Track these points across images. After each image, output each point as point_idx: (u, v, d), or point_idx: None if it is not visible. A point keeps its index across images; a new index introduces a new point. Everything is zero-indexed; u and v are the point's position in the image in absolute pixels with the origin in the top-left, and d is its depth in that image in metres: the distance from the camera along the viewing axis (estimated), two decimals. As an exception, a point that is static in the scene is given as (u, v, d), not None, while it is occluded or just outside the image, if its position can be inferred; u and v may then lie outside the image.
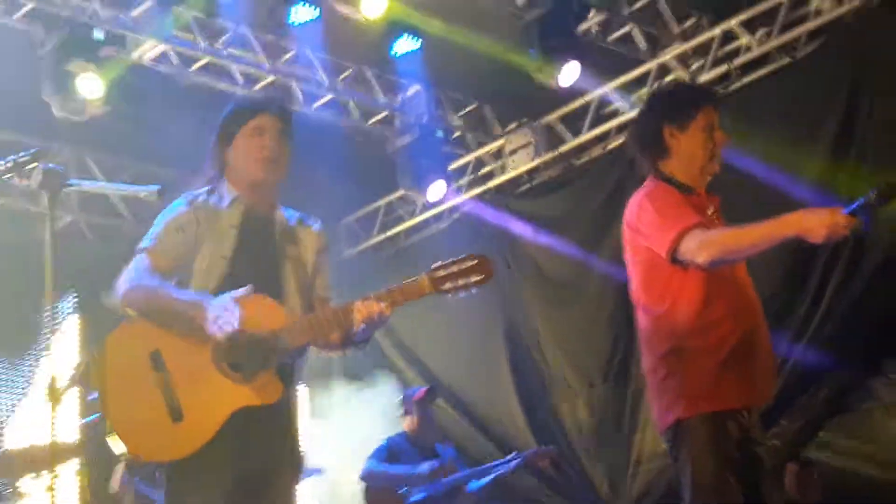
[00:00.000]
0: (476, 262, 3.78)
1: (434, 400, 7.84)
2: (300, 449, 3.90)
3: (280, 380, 3.72)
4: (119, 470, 7.24)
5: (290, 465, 3.86)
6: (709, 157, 4.08)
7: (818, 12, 7.54)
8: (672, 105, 4.18)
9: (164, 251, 3.78)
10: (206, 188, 3.93)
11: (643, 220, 4.02)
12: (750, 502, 3.88)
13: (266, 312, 3.70)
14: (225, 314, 3.60)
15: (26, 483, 6.76)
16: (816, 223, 3.75)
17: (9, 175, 3.80)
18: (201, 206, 3.85)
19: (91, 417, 5.39)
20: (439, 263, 3.78)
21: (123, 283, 3.74)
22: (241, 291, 3.64)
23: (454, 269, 3.76)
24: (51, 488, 3.58)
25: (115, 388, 3.66)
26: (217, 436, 3.63)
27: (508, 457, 7.80)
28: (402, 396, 7.92)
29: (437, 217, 9.77)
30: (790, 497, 7.37)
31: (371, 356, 8.93)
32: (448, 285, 3.76)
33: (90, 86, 7.19)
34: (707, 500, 3.82)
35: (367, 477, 7.65)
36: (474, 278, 3.77)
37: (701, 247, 3.84)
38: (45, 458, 6.45)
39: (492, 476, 7.65)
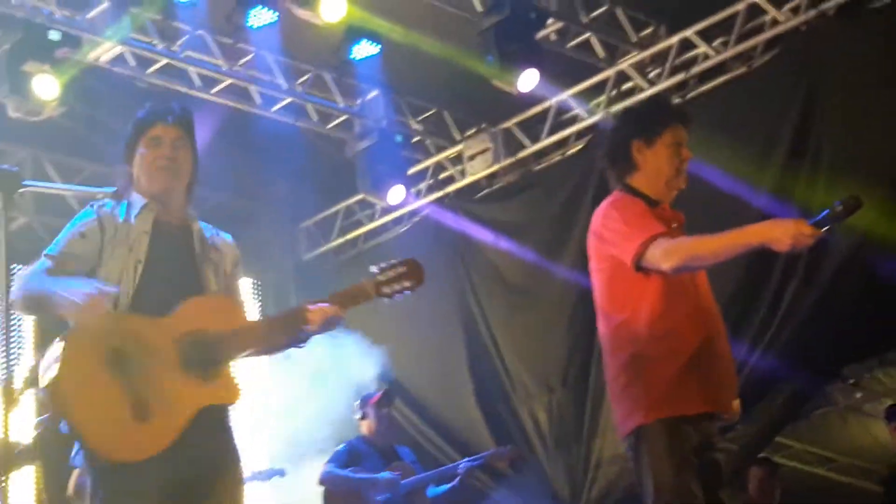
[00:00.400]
0: (407, 267, 3.96)
1: (391, 403, 7.82)
2: (237, 448, 3.91)
3: (236, 380, 3.75)
4: (76, 474, 7.18)
5: (232, 462, 3.87)
6: (674, 173, 4.17)
7: (774, 22, 7.61)
8: (640, 121, 4.29)
9: (63, 256, 3.80)
10: (115, 199, 3.96)
11: (609, 228, 4.10)
12: None
13: (226, 311, 3.81)
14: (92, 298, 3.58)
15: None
16: (781, 233, 3.82)
17: (-38, 176, 3.76)
18: (108, 214, 3.89)
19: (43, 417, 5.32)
20: (378, 269, 3.94)
21: (17, 288, 3.74)
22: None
23: (391, 273, 3.94)
24: (4, 492, 3.53)
25: (77, 388, 3.61)
26: (177, 441, 3.63)
27: (467, 458, 7.81)
28: (358, 400, 7.90)
29: (397, 221, 9.76)
30: (752, 500, 7.44)
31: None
32: (387, 290, 3.93)
33: (46, 87, 7.14)
34: (668, 501, 3.86)
35: (326, 481, 7.62)
36: (407, 283, 3.94)
37: (666, 254, 3.91)
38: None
39: (451, 484, 7.66)
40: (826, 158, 7.10)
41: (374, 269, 3.95)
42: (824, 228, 3.81)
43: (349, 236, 9.92)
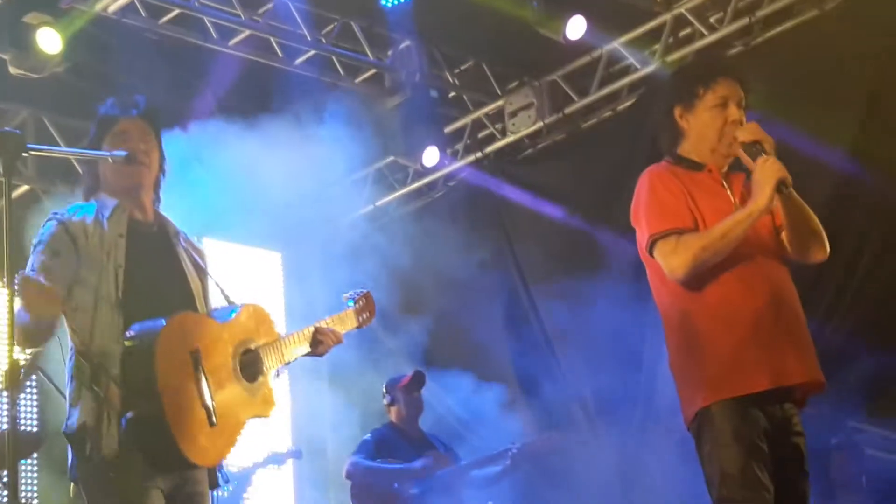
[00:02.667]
0: (365, 300, 4.62)
1: (422, 386, 7.85)
2: None
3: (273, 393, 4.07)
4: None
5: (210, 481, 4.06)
6: (718, 138, 4.15)
7: (851, -41, 7.52)
8: (678, 84, 4.33)
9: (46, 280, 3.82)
10: (79, 203, 4.07)
11: (636, 209, 4.20)
12: (784, 498, 3.92)
13: (264, 321, 4.16)
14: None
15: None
16: (770, 176, 3.93)
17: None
18: (75, 223, 3.96)
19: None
20: (352, 299, 4.61)
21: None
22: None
23: (361, 303, 4.60)
24: (13, 479, 3.57)
25: (168, 386, 3.79)
26: None
27: (507, 445, 7.83)
28: (385, 383, 7.93)
29: (432, 185, 9.76)
30: (834, 481, 7.41)
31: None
32: (362, 319, 4.58)
33: (49, 40, 7.16)
34: (734, 491, 3.87)
35: (353, 474, 7.66)
36: (366, 315, 4.61)
37: (671, 263, 4.00)
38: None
39: (501, 466, 7.68)
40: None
41: (349, 299, 4.59)
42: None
43: (379, 203, 9.91)
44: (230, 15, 8.17)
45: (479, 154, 9.38)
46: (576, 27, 7.95)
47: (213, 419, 3.80)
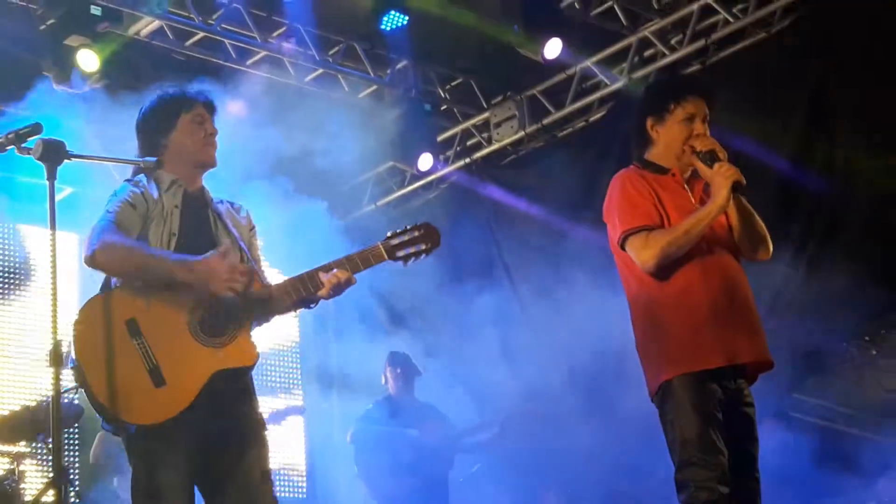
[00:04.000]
0: (423, 231, 3.99)
1: (399, 363, 7.89)
2: (260, 413, 3.96)
3: (253, 343, 3.79)
4: (99, 440, 7.24)
5: (257, 429, 3.90)
6: (682, 147, 4.18)
7: (793, -13, 7.51)
8: (652, 99, 4.37)
9: (122, 222, 3.83)
10: (144, 175, 4.01)
11: (608, 208, 4.21)
12: (737, 460, 3.93)
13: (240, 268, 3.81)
14: (234, 274, 3.70)
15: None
16: (722, 180, 3.96)
17: (9, 147, 3.78)
18: (145, 189, 3.94)
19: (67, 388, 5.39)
20: (392, 232, 3.96)
21: (95, 239, 3.76)
22: (215, 252, 3.75)
23: (406, 237, 3.95)
24: (57, 450, 3.55)
25: (92, 357, 3.67)
26: (196, 403, 3.67)
27: (493, 418, 7.84)
28: (386, 357, 7.94)
29: (427, 187, 9.75)
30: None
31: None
32: (401, 253, 3.95)
33: (88, 60, 7.15)
34: (692, 455, 3.88)
35: (356, 439, 7.67)
36: (423, 246, 3.97)
37: (640, 255, 4.02)
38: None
39: (480, 436, 7.69)
40: (844, 123, 7.02)
41: (389, 233, 3.97)
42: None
43: (380, 203, 9.90)
44: (248, 38, 8.15)
45: (467, 160, 9.36)
46: (553, 48, 7.97)
47: (161, 380, 3.64)
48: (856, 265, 6.87)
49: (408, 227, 3.98)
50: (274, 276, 4.11)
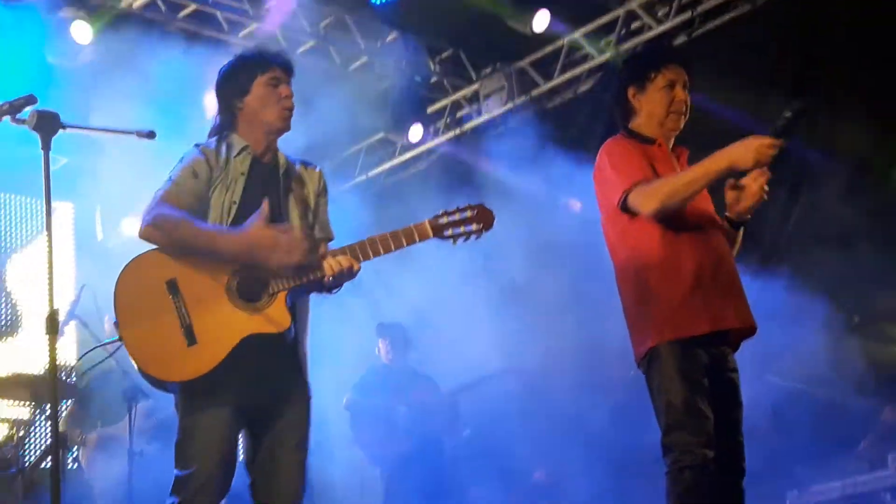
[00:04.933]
0: (476, 211, 3.89)
1: (386, 334, 7.92)
2: (308, 384, 3.93)
3: (289, 311, 3.76)
4: (68, 412, 7.17)
5: (300, 398, 3.89)
6: (665, 115, 4.18)
7: (779, -40, 7.49)
8: (632, 68, 4.35)
9: (180, 193, 3.80)
10: (215, 138, 3.94)
11: (601, 172, 4.16)
12: (722, 424, 3.95)
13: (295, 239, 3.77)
14: (292, 245, 3.69)
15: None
16: (743, 150, 3.86)
17: (3, 117, 3.76)
18: (212, 155, 3.87)
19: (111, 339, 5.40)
20: (443, 211, 3.87)
21: (149, 212, 3.76)
22: (255, 221, 3.71)
23: (456, 216, 3.86)
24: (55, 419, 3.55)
25: (131, 313, 3.70)
26: (228, 361, 3.67)
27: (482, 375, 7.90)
28: (377, 325, 7.97)
29: (417, 158, 9.72)
30: None
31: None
32: (450, 232, 3.85)
33: (82, 32, 7.11)
34: (679, 419, 3.89)
35: (351, 407, 7.71)
36: (475, 227, 3.87)
37: (643, 200, 3.97)
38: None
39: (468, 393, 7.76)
40: (826, 97, 7.02)
41: (440, 211, 3.89)
42: (782, 137, 3.79)
43: (371, 174, 9.88)
44: (240, 10, 8.10)
45: (457, 131, 9.34)
46: (541, 20, 7.96)
47: (194, 338, 3.66)
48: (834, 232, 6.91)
49: (460, 206, 3.91)
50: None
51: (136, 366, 3.71)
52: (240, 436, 3.84)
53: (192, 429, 3.70)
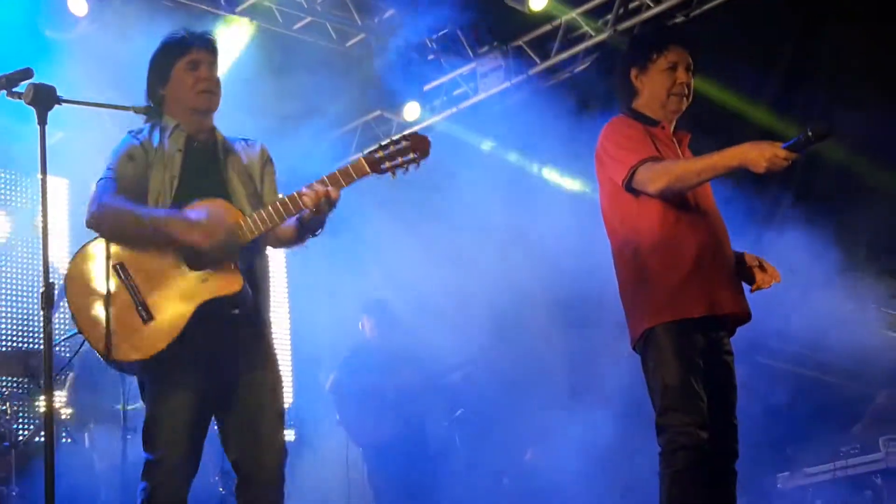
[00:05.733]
0: (410, 141, 3.80)
1: (377, 311, 7.91)
2: (275, 354, 3.94)
3: (240, 273, 3.76)
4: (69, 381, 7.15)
5: (268, 366, 3.89)
6: (666, 96, 4.19)
7: (779, -60, 7.46)
8: (635, 49, 4.37)
9: (119, 179, 3.85)
10: (148, 124, 4.01)
11: (605, 151, 4.15)
12: (716, 406, 3.96)
13: (222, 211, 3.79)
14: (211, 227, 3.72)
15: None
16: (758, 155, 3.82)
17: (0, 91, 3.74)
18: (146, 138, 3.94)
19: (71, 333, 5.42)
20: (375, 146, 3.83)
21: (92, 203, 3.83)
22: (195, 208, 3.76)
23: (391, 149, 3.79)
24: (48, 393, 3.54)
25: (85, 302, 3.75)
26: (188, 337, 3.69)
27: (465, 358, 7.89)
28: (364, 302, 7.96)
29: (412, 136, 9.68)
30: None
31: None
32: (387, 164, 3.79)
33: (77, 5, 7.07)
34: (674, 401, 3.90)
35: (335, 388, 7.70)
36: (410, 156, 3.79)
37: (652, 178, 3.95)
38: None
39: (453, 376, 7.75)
40: (825, 76, 7.02)
41: (374, 146, 3.86)
42: (797, 152, 3.79)
43: (366, 152, 9.81)
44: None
45: (454, 109, 9.31)
46: (539, -1, 7.92)
47: (150, 314, 3.70)
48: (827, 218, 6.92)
49: (393, 139, 3.84)
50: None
51: (98, 353, 3.71)
52: (211, 418, 3.86)
53: (157, 415, 3.74)
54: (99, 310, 3.71)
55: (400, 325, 8.06)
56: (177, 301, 3.71)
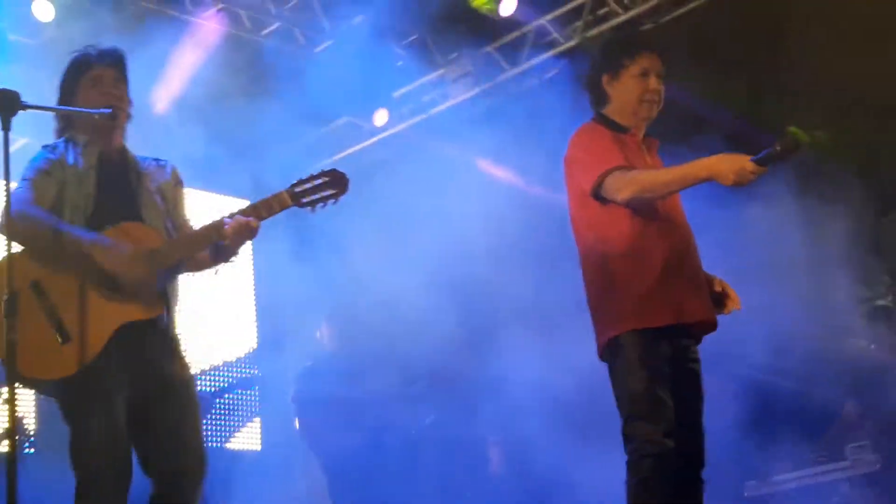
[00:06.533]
0: (331, 177, 3.95)
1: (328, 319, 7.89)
2: (189, 371, 3.96)
3: (160, 298, 3.80)
4: None
5: (183, 381, 3.91)
6: (637, 103, 4.19)
7: (746, -54, 7.52)
8: (606, 55, 4.35)
9: (36, 190, 3.84)
10: (62, 139, 4.02)
11: (574, 158, 4.17)
12: (683, 413, 3.97)
13: (143, 235, 3.83)
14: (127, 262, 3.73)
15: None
16: (726, 168, 3.84)
17: (-38, 97, 3.70)
18: (60, 154, 3.95)
19: None
20: (298, 179, 3.94)
21: (8, 212, 3.75)
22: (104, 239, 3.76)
23: (311, 184, 3.92)
24: (11, 402, 3.51)
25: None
26: (105, 355, 3.68)
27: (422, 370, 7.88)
28: (324, 315, 7.92)
29: (382, 143, 9.69)
30: None
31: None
32: (307, 199, 3.91)
33: (43, 9, 7.02)
34: (640, 408, 3.91)
35: (298, 399, 7.65)
36: (328, 192, 3.93)
37: (620, 187, 3.97)
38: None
39: (414, 389, 7.72)
40: (792, 83, 7.06)
41: (295, 180, 3.96)
42: (765, 166, 3.82)
43: (336, 158, 9.83)
44: (204, -11, 8.03)
45: (424, 116, 9.31)
46: (508, 5, 7.96)
47: (67, 335, 3.67)
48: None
49: (314, 174, 3.97)
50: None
51: (12, 373, 3.59)
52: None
53: (83, 434, 3.70)
54: (10, 329, 3.56)
55: (361, 333, 8.03)
56: (95, 323, 3.71)
